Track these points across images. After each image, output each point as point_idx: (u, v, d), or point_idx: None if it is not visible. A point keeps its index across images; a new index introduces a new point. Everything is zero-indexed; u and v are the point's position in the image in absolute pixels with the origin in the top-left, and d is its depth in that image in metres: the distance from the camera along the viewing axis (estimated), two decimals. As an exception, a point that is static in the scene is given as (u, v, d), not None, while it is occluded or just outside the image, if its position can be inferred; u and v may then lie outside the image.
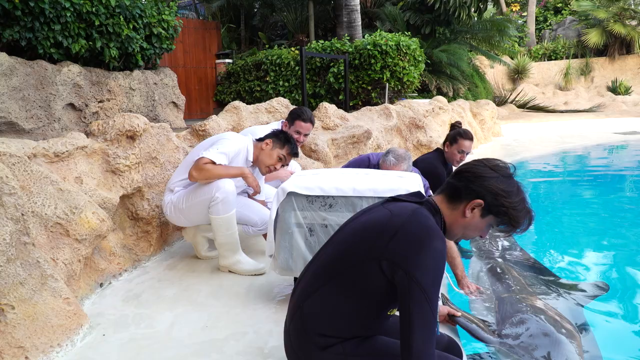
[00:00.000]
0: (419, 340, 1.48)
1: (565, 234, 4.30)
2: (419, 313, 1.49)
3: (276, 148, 3.16)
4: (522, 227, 1.69)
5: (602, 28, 18.46)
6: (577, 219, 4.72)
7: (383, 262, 1.56)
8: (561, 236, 4.27)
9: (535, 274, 3.04)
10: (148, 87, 8.00)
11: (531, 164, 8.13)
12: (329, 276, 1.67)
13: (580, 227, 4.46)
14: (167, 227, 3.60)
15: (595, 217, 4.76)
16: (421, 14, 11.91)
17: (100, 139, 3.29)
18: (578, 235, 4.26)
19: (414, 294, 1.50)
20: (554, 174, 7.28)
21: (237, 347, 2.22)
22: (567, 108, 15.91)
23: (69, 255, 2.57)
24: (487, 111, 10.02)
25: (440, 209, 1.70)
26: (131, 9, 7.08)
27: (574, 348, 2.07)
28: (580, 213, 4.99)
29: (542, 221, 4.59)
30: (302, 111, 3.71)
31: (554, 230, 4.40)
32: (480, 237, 1.80)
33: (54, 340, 2.15)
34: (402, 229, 1.57)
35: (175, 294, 2.83)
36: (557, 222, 4.68)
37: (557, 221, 4.70)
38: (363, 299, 1.63)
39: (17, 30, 5.75)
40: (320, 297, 1.68)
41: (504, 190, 1.63)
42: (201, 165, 2.91)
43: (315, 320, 1.67)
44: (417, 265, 1.51)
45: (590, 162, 8.38)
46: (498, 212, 1.65)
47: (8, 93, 5.84)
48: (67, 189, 2.70)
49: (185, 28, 12.05)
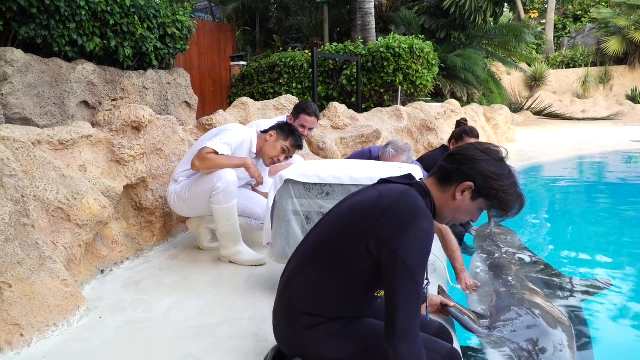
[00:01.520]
0: (402, 319, 1.47)
1: (575, 237, 4.23)
2: (404, 292, 1.48)
3: (280, 140, 3.17)
4: (513, 211, 1.66)
5: (622, 36, 18.20)
6: (587, 223, 4.64)
7: (370, 242, 1.55)
8: (570, 238, 4.20)
9: (538, 271, 2.99)
10: (161, 86, 8.09)
11: (544, 169, 8.03)
12: (317, 257, 1.67)
13: (589, 230, 4.38)
14: (170, 219, 3.62)
15: (606, 222, 4.68)
16: (436, 18, 11.88)
17: (106, 129, 3.33)
18: (587, 237, 4.18)
19: (399, 273, 1.48)
20: (566, 179, 7.18)
21: (230, 332, 2.21)
22: (584, 116, 15.69)
23: (69, 240, 2.60)
24: (501, 116, 9.93)
25: (431, 192, 1.68)
26: (146, 8, 7.18)
27: (564, 340, 2.04)
28: (592, 218, 4.91)
29: (552, 223, 4.53)
30: (307, 105, 3.72)
31: (563, 232, 4.33)
32: (471, 221, 1.76)
33: (50, 319, 2.17)
34: (389, 209, 1.56)
35: (174, 282, 2.84)
36: (567, 224, 4.61)
37: (568, 224, 4.63)
38: (350, 279, 1.62)
39: (32, 28, 5.85)
40: (307, 277, 1.67)
41: (495, 173, 1.61)
42: (204, 154, 2.92)
43: (302, 299, 1.67)
44: (403, 244, 1.49)
45: (605, 168, 8.24)
46: (488, 195, 1.62)
47: (23, 90, 5.95)
48: (70, 175, 2.74)
49: (200, 30, 12.18)
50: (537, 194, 6.12)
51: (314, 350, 1.67)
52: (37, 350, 2.04)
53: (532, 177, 7.28)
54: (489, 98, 12.68)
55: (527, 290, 2.55)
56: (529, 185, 6.69)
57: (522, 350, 1.99)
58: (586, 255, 3.78)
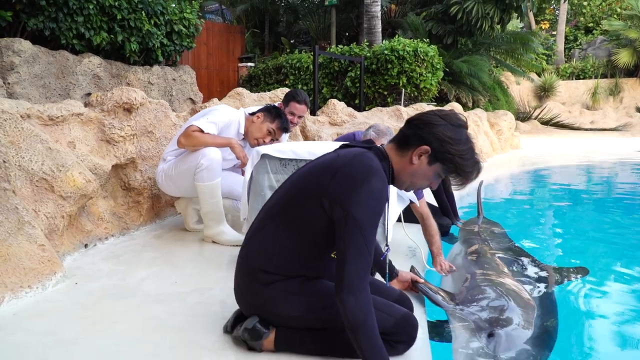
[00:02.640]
0: (351, 273, 1.50)
1: (570, 239, 4.21)
2: (354, 248, 1.51)
3: (266, 122, 3.22)
4: (470, 177, 1.69)
5: (633, 48, 18.12)
6: (584, 227, 4.63)
7: (324, 200, 1.58)
8: (565, 239, 4.20)
9: (516, 258, 2.99)
10: (166, 82, 8.20)
11: (546, 174, 7.99)
12: (274, 215, 1.70)
13: (585, 234, 4.37)
14: (159, 200, 3.68)
15: (603, 226, 4.67)
16: (444, 24, 11.93)
17: (98, 109, 3.40)
18: (582, 239, 4.17)
19: (349, 229, 1.51)
20: (567, 184, 7.14)
21: (199, 299, 2.25)
22: (592, 127, 15.59)
23: (51, 210, 2.66)
24: (505, 122, 9.91)
25: (390, 156, 1.71)
26: (153, 5, 7.29)
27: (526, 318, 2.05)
28: (589, 222, 4.89)
29: (547, 226, 4.54)
30: (297, 93, 3.76)
31: (559, 234, 4.33)
32: (430, 188, 1.79)
33: (24, 281, 2.22)
34: (342, 168, 1.59)
35: (154, 257, 2.89)
36: (561, 227, 4.60)
37: (562, 227, 4.62)
38: (305, 237, 1.65)
39: (41, 20, 5.98)
40: (265, 236, 1.71)
41: (451, 138, 1.64)
42: (189, 132, 2.98)
43: (259, 257, 1.70)
44: (355, 201, 1.52)
45: (607, 176, 8.18)
46: (444, 159, 1.65)
47: (29, 79, 6.08)
48: (56, 149, 2.80)
49: (210, 31, 12.35)
50: (537, 197, 6.11)
51: (272, 308, 1.70)
52: (8, 308, 2.09)
53: (533, 181, 7.26)
54: (495, 105, 12.66)
55: (499, 273, 2.57)
56: (529, 188, 6.68)
57: (484, 322, 2.00)
58: (574, 249, 3.78)
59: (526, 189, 6.63)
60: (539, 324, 2.07)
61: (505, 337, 1.92)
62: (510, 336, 1.93)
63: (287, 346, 1.72)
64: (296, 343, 1.72)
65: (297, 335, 1.72)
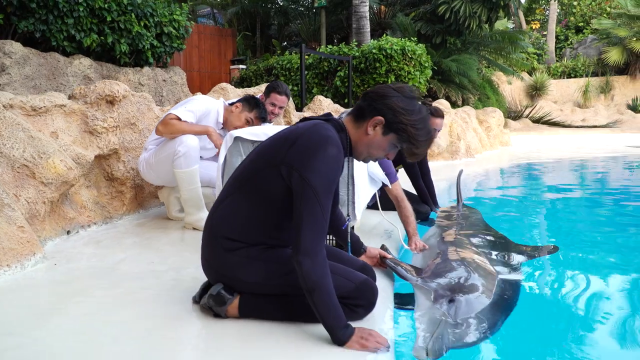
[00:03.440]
0: (307, 237, 1.57)
1: (554, 228, 4.28)
2: (310, 213, 1.58)
3: (245, 111, 3.31)
4: (423, 146, 1.77)
5: (622, 46, 18.26)
6: (568, 218, 4.71)
7: (282, 168, 1.66)
8: (545, 228, 4.27)
9: (487, 238, 3.08)
10: (157, 83, 8.27)
11: (533, 167, 8.09)
12: (238, 184, 1.78)
13: (569, 223, 4.45)
14: (142, 191, 3.75)
15: (586, 216, 4.75)
16: (432, 24, 12.04)
17: (81, 101, 3.48)
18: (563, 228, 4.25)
19: (305, 195, 1.59)
20: (555, 178, 7.23)
21: (174, 276, 2.32)
22: (583, 124, 15.73)
23: (32, 195, 2.73)
24: (494, 119, 10.02)
25: (347, 129, 1.80)
26: (143, 7, 7.36)
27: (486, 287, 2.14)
28: (569, 211, 4.98)
29: (530, 216, 4.62)
30: (278, 84, 3.85)
31: (543, 224, 4.40)
32: (387, 159, 1.87)
33: (3, 260, 2.29)
34: (300, 137, 1.67)
35: (135, 242, 2.96)
36: (544, 217, 4.68)
37: (546, 217, 4.70)
38: (266, 205, 1.73)
39: (32, 22, 6.06)
40: (229, 204, 1.79)
41: (404, 108, 1.72)
42: (167, 120, 3.06)
43: (222, 224, 1.78)
44: (311, 168, 1.60)
45: (595, 170, 8.28)
46: (398, 129, 1.73)
47: (20, 81, 6.15)
48: (38, 137, 2.88)
49: (201, 34, 12.45)
50: (522, 189, 6.19)
51: (235, 274, 1.78)
52: (-14, 284, 2.16)
53: (519, 175, 7.35)
54: (485, 103, 12.77)
55: (468, 250, 2.65)
56: (514, 181, 6.77)
57: (446, 290, 2.08)
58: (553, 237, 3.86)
59: (510, 182, 6.72)
60: (499, 292, 2.15)
61: (465, 303, 2.00)
62: (470, 302, 2.01)
63: (251, 312, 1.79)
64: (259, 309, 1.80)
65: (260, 301, 1.79)
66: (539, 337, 2.05)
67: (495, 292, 2.13)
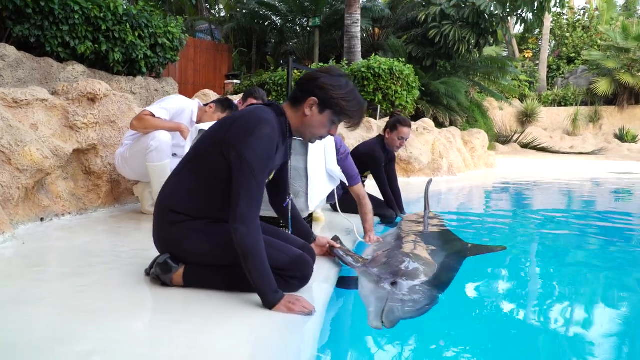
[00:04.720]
0: (243, 206, 1.73)
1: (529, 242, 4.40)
2: (245, 185, 1.75)
3: (218, 111, 3.49)
4: (357, 115, 1.96)
5: (611, 77, 18.71)
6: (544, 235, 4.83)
7: (223, 146, 1.83)
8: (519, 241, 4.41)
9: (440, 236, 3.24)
10: (149, 92, 8.47)
11: (512, 187, 8.27)
12: (187, 162, 1.95)
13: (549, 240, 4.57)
14: (118, 186, 3.90)
15: (562, 232, 4.89)
16: (423, 47, 12.38)
17: (63, 97, 3.66)
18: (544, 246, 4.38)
19: (241, 169, 1.76)
20: (530, 198, 7.41)
21: (134, 256, 2.46)
22: (571, 151, 16.01)
23: (7, 180, 2.88)
24: (478, 140, 10.24)
25: (287, 114, 1.97)
26: (138, 18, 7.58)
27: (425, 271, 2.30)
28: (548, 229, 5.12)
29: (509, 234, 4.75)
30: (255, 90, 4.04)
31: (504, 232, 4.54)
32: (330, 135, 2.05)
33: (-28, 235, 2.44)
34: (239, 119, 1.85)
35: (105, 229, 3.11)
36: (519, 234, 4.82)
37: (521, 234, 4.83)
38: (210, 182, 1.89)
39: (27, 28, 6.26)
40: (177, 180, 1.95)
41: (332, 85, 1.91)
42: (141, 116, 3.24)
43: (171, 199, 1.94)
44: (247, 146, 1.77)
45: (573, 192, 8.46)
46: (331, 104, 1.92)
47: (13, 83, 6.33)
48: (17, 127, 3.04)
49: (197, 49, 12.75)
50: (494, 203, 6.35)
51: (179, 245, 1.93)
52: (-47, 256, 2.30)
53: (501, 192, 7.52)
54: (473, 126, 13.04)
55: (415, 243, 2.81)
56: (496, 199, 6.94)
57: (387, 274, 2.23)
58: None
59: (483, 198, 6.89)
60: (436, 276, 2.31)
61: (406, 285, 2.15)
62: (410, 285, 2.16)
63: (194, 280, 1.94)
64: (202, 278, 1.94)
65: (203, 271, 1.94)
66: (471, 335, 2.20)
67: (433, 277, 2.29)
